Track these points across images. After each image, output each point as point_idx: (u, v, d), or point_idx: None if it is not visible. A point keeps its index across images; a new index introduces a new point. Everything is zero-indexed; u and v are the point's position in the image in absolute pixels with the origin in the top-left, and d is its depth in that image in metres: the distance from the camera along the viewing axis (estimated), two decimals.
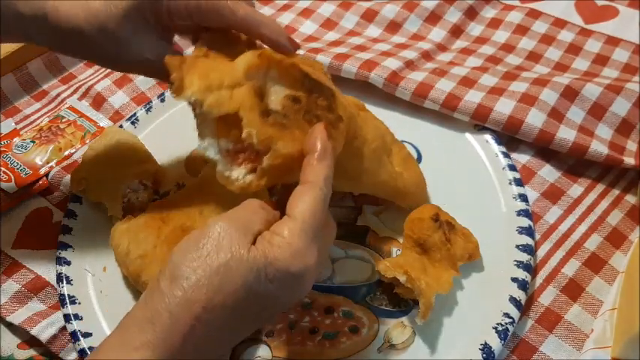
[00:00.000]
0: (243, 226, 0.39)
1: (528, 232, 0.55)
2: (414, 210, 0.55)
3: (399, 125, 0.60)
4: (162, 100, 0.69)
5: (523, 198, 0.58)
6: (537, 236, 0.57)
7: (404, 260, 0.52)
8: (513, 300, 0.51)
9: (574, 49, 0.73)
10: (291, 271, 0.38)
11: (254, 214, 0.41)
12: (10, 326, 0.54)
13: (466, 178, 0.61)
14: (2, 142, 0.67)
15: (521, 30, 0.75)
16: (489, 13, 0.78)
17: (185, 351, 0.36)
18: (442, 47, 0.74)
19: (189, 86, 0.42)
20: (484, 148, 0.62)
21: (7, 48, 0.71)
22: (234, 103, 0.42)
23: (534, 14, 0.76)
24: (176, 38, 0.54)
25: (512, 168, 0.60)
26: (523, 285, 0.52)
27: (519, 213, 0.57)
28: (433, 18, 0.77)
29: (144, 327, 0.36)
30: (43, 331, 0.53)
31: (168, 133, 0.67)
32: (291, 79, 0.45)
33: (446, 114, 0.64)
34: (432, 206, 0.55)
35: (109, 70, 0.73)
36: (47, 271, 0.57)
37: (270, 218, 0.41)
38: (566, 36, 0.74)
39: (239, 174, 0.44)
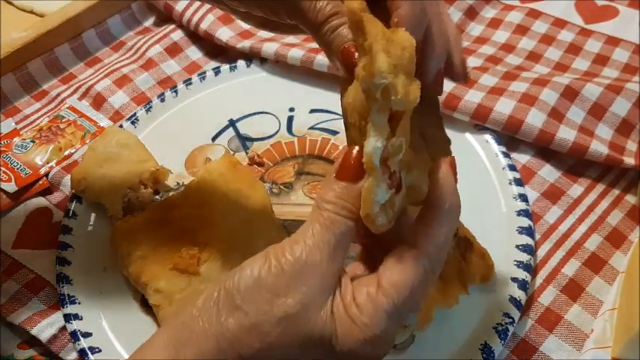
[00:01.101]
0: (324, 270, 0.32)
1: (528, 232, 0.55)
2: None
3: None
4: (162, 100, 0.69)
5: (523, 198, 0.58)
6: (537, 236, 0.57)
7: None
8: (513, 300, 0.51)
9: (574, 49, 0.73)
10: (356, 355, 0.32)
11: (341, 250, 0.33)
12: (10, 326, 0.54)
13: (466, 178, 0.60)
14: (2, 142, 0.67)
15: (521, 30, 0.75)
16: (489, 13, 0.78)
17: None
18: None
19: (381, 63, 0.30)
20: (484, 148, 0.62)
21: (7, 48, 0.71)
22: (412, 100, 0.31)
23: (534, 14, 0.76)
24: None
25: (512, 168, 0.60)
26: (523, 285, 0.52)
27: (519, 213, 0.57)
28: None
29: (179, 348, 0.33)
30: (43, 331, 0.53)
31: (168, 133, 0.67)
32: None
33: (446, 114, 0.64)
34: None
35: (109, 70, 0.73)
36: (47, 271, 0.57)
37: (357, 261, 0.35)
38: (566, 36, 0.74)
39: (384, 198, 0.32)
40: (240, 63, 0.72)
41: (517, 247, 0.55)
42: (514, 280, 0.52)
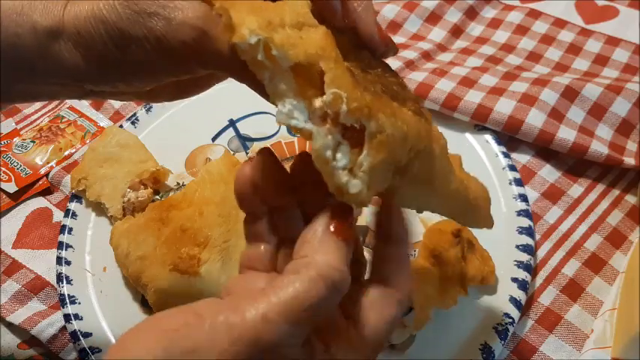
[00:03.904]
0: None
1: (528, 232, 0.55)
2: (439, 222, 0.53)
3: None
4: None
5: (523, 198, 0.58)
6: (537, 236, 0.57)
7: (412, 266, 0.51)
8: (513, 300, 0.51)
9: (574, 49, 0.73)
10: None
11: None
12: (10, 326, 0.54)
13: None
14: (2, 142, 0.67)
15: (522, 30, 0.75)
16: (489, 13, 0.78)
17: None
18: (442, 47, 0.74)
19: (241, 23, 0.27)
20: (484, 148, 0.62)
21: None
22: (311, 47, 0.28)
23: (534, 14, 0.77)
24: None
25: (513, 168, 0.60)
26: (523, 285, 0.52)
27: (519, 213, 0.57)
28: (433, 18, 0.77)
29: None
30: (43, 331, 0.53)
31: (168, 133, 0.67)
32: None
33: (446, 114, 0.64)
34: None
35: None
36: (47, 271, 0.57)
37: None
38: (566, 36, 0.74)
39: (345, 161, 0.28)
40: None
41: (517, 247, 0.55)
42: (514, 280, 0.52)
